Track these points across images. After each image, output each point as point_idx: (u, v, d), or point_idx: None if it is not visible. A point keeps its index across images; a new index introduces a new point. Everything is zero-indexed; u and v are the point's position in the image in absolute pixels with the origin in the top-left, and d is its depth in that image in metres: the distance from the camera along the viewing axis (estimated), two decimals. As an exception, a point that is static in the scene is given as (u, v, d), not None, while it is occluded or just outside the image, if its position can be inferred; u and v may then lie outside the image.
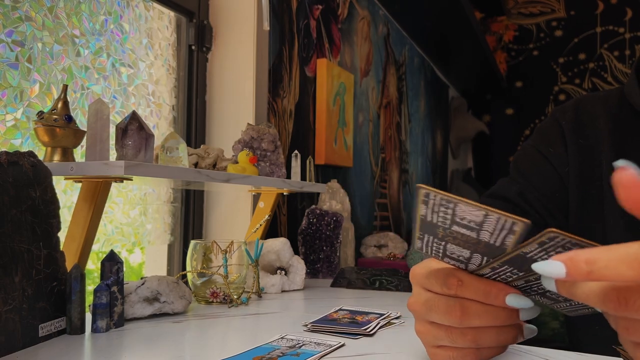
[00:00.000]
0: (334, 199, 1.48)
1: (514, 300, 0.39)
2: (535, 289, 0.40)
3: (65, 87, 0.73)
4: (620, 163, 0.26)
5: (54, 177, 0.63)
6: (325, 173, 1.60)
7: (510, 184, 0.73)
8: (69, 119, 0.71)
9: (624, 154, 0.67)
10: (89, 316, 0.65)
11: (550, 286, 0.33)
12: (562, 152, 0.71)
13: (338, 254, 1.25)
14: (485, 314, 0.40)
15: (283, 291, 0.99)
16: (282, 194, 1.18)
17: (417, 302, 0.43)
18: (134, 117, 0.72)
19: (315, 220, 1.26)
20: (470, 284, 0.40)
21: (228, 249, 0.85)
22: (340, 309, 0.76)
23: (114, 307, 0.66)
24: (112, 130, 0.82)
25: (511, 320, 0.41)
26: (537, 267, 0.30)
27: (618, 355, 0.51)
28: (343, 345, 0.58)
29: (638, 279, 0.26)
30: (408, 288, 1.01)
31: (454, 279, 0.40)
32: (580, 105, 0.74)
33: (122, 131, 0.71)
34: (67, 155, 0.72)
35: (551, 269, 0.28)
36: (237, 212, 1.24)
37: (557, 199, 0.70)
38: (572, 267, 0.27)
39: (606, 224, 0.66)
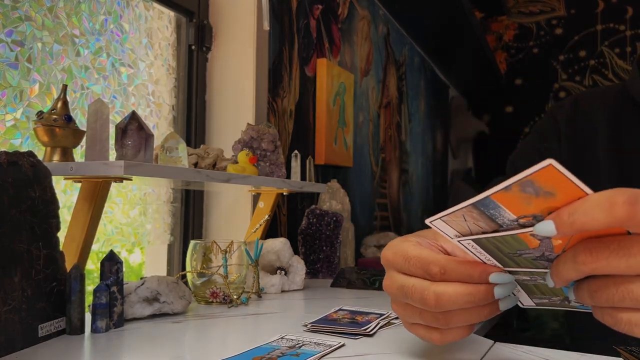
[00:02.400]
0: (334, 199, 1.48)
1: (497, 277, 0.40)
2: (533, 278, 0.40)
3: (65, 87, 0.73)
4: None
5: (53, 177, 0.63)
6: (325, 173, 1.60)
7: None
8: (69, 119, 0.71)
9: (621, 145, 0.67)
10: (88, 316, 0.64)
11: (548, 281, 0.36)
12: (555, 146, 0.71)
13: (338, 254, 1.25)
14: (460, 297, 0.40)
15: (283, 291, 0.99)
16: (282, 194, 1.17)
17: (393, 286, 0.45)
18: (133, 117, 0.72)
19: (315, 220, 1.26)
20: (452, 270, 0.41)
21: (228, 249, 0.85)
22: (340, 309, 0.76)
23: (113, 307, 0.66)
24: (112, 130, 0.82)
25: (487, 300, 0.41)
26: (537, 227, 0.32)
27: (618, 355, 0.51)
28: (343, 345, 0.58)
29: (608, 219, 0.29)
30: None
31: (436, 267, 0.41)
32: (577, 99, 0.74)
33: (122, 131, 0.71)
34: (67, 155, 0.72)
35: (543, 226, 0.31)
36: (237, 212, 1.24)
37: None
38: (558, 220, 0.30)
39: None
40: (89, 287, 0.67)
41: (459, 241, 0.40)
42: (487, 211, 0.35)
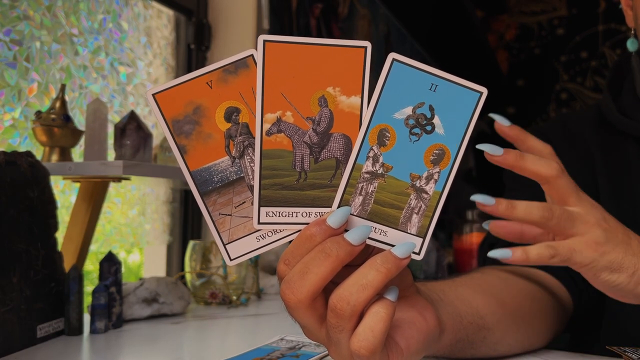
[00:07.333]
0: (334, 199, 1.47)
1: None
2: None
3: (64, 87, 0.73)
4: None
5: (52, 177, 0.63)
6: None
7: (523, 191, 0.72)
8: (67, 119, 0.71)
9: (615, 172, 0.67)
10: (87, 317, 0.64)
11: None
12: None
13: (338, 254, 1.25)
14: None
15: (283, 291, 0.98)
16: (282, 193, 1.17)
17: None
18: (132, 116, 0.72)
19: (315, 219, 1.25)
20: None
21: (227, 249, 0.85)
22: (340, 310, 0.76)
23: (112, 308, 0.65)
24: (111, 129, 0.82)
25: None
26: (476, 197, 0.37)
27: (618, 356, 0.50)
28: (342, 346, 0.58)
29: (542, 219, 0.37)
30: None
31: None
32: (565, 121, 0.75)
33: (121, 131, 0.71)
34: (65, 155, 0.72)
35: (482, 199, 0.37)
36: (237, 212, 1.23)
37: None
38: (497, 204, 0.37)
39: None
40: (88, 288, 0.66)
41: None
42: None
